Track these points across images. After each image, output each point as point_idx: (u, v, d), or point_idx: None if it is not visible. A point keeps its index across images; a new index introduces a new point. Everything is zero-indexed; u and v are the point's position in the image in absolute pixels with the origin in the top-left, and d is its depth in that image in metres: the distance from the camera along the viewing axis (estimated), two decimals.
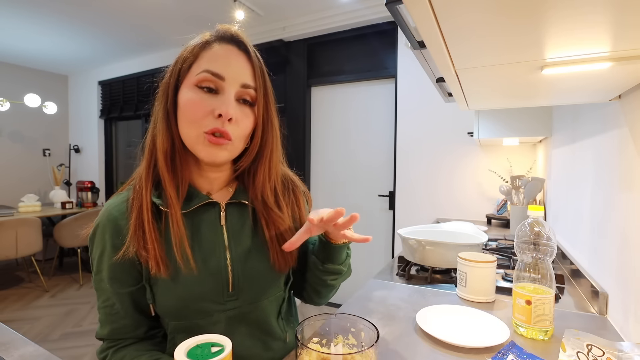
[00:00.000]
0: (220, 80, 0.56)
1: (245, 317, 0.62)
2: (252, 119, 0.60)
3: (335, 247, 0.65)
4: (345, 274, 0.71)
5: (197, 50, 0.57)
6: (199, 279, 0.58)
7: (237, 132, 0.58)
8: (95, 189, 4.08)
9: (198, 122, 0.56)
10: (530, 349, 0.63)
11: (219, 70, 0.56)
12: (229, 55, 0.57)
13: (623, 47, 0.47)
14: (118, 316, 0.60)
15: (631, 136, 0.71)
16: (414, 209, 2.55)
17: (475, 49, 0.50)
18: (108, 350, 0.60)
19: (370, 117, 2.80)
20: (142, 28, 3.16)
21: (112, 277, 0.58)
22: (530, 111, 1.64)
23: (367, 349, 0.46)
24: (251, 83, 0.58)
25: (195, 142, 0.57)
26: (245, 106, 0.59)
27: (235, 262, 0.61)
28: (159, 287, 0.58)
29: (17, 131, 4.26)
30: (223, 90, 0.57)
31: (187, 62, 0.58)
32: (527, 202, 1.76)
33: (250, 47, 0.59)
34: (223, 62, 0.56)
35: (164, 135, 0.58)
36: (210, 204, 0.62)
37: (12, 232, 3.10)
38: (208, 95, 0.56)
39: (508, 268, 1.14)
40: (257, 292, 0.63)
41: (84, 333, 2.52)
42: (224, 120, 0.55)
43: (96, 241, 0.59)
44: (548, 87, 0.71)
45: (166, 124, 0.58)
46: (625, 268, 0.72)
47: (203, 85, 0.56)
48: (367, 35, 2.75)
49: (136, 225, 0.56)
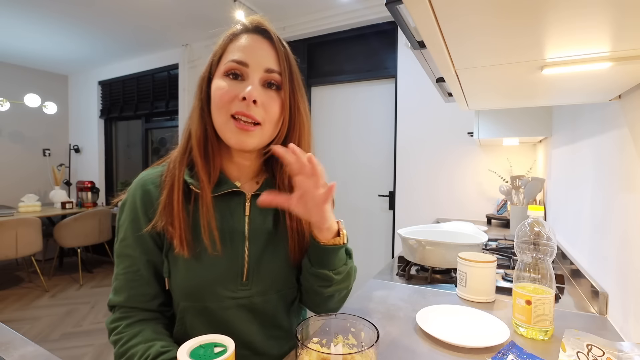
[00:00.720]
0: (245, 67, 0.59)
1: (254, 307, 0.63)
2: (279, 103, 0.61)
3: (323, 248, 0.60)
4: (338, 282, 0.63)
5: (225, 43, 0.62)
6: (217, 263, 0.60)
7: (264, 116, 0.59)
8: (95, 189, 4.08)
9: (225, 107, 0.58)
10: (530, 349, 0.63)
11: (243, 58, 0.59)
12: (253, 44, 0.60)
13: (623, 47, 0.47)
14: (139, 283, 0.60)
15: (631, 136, 0.71)
16: (414, 209, 2.55)
17: (475, 49, 0.50)
18: (121, 322, 0.59)
19: (370, 117, 2.80)
20: (142, 28, 3.16)
21: (140, 243, 0.60)
22: (530, 111, 1.64)
23: (367, 349, 0.46)
24: (275, 67, 0.60)
25: (224, 128, 0.59)
26: (271, 90, 0.61)
27: (252, 253, 0.63)
28: (177, 264, 0.60)
29: (17, 131, 4.26)
30: (247, 76, 0.59)
31: (217, 55, 0.62)
32: (527, 202, 1.76)
33: (273, 33, 0.62)
34: (247, 51, 0.59)
35: (197, 123, 0.62)
36: (237, 193, 0.64)
37: (12, 232, 3.10)
38: (234, 82, 0.59)
39: (508, 268, 1.14)
40: (268, 285, 0.64)
41: (84, 333, 2.52)
42: (248, 102, 0.57)
43: (127, 207, 0.62)
44: (548, 87, 0.71)
45: (200, 113, 0.62)
46: (625, 268, 0.72)
47: (229, 73, 0.59)
48: (367, 35, 2.75)
49: (166, 202, 0.59)
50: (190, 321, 0.61)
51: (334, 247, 0.61)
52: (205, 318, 0.61)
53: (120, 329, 0.58)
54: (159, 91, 3.94)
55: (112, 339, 0.59)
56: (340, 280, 0.64)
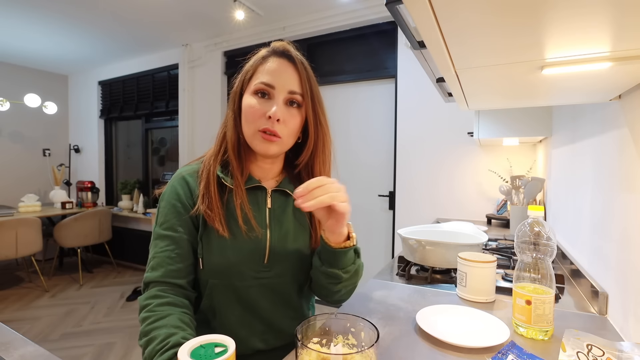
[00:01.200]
0: (271, 88, 0.69)
1: (274, 287, 0.73)
2: (298, 119, 0.72)
3: (333, 251, 0.68)
4: (346, 280, 0.71)
5: (256, 65, 0.72)
6: (244, 246, 0.70)
7: (285, 131, 0.70)
8: (95, 189, 4.09)
9: (254, 122, 0.69)
10: (530, 349, 0.63)
11: (270, 81, 0.69)
12: (279, 67, 0.70)
13: (623, 47, 0.47)
14: (175, 260, 0.68)
15: (631, 136, 0.71)
16: (414, 209, 2.55)
17: (475, 49, 0.50)
18: (153, 300, 0.63)
19: (370, 117, 2.80)
20: (142, 28, 3.16)
21: (181, 224, 0.70)
22: (530, 111, 1.64)
23: (367, 349, 0.46)
24: (297, 89, 0.71)
25: (252, 138, 0.70)
26: (293, 108, 0.71)
27: (273, 240, 0.73)
28: (210, 246, 0.69)
29: (17, 131, 4.26)
30: (273, 97, 0.70)
31: (248, 74, 0.72)
32: (527, 202, 1.76)
33: (297, 58, 0.72)
34: (274, 74, 0.70)
35: (232, 131, 0.73)
36: (260, 188, 0.75)
37: (12, 232, 3.10)
38: (262, 100, 0.70)
39: (508, 268, 1.14)
40: (285, 268, 0.73)
41: (84, 333, 2.52)
42: (273, 120, 0.68)
43: (168, 194, 0.72)
44: (548, 87, 0.71)
45: (234, 122, 0.73)
46: (625, 268, 0.72)
47: (258, 92, 0.70)
48: (367, 35, 2.75)
49: (204, 192, 0.70)
50: (217, 296, 0.71)
51: (344, 250, 0.68)
52: (231, 294, 0.71)
53: (152, 307, 0.63)
54: (159, 91, 3.94)
55: (141, 316, 0.63)
56: (348, 277, 0.72)
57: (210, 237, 0.70)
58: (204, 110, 3.51)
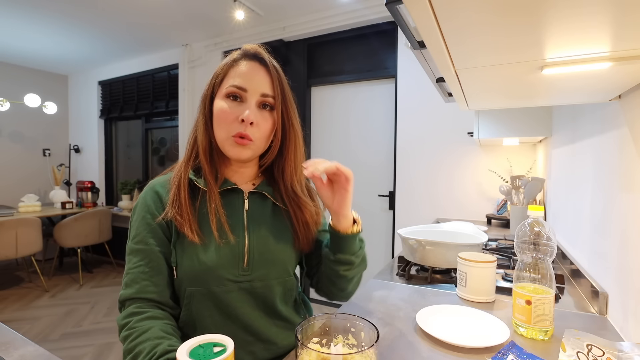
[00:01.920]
0: (244, 91, 0.68)
1: (255, 291, 0.70)
2: (270, 122, 0.71)
3: (343, 237, 0.71)
4: (357, 265, 0.75)
5: (227, 67, 0.71)
6: (220, 250, 0.68)
7: (257, 134, 0.69)
8: (95, 189, 4.08)
9: (227, 126, 0.68)
10: (530, 349, 0.63)
11: (242, 84, 0.68)
12: (251, 70, 0.69)
13: (623, 47, 0.47)
14: (149, 274, 0.65)
15: (631, 136, 0.71)
16: (414, 209, 2.55)
17: (475, 49, 0.50)
18: (132, 317, 0.61)
19: (370, 117, 2.80)
20: (143, 28, 3.16)
21: (152, 236, 0.67)
22: (530, 111, 1.64)
23: (367, 349, 0.46)
24: (269, 92, 0.70)
25: (224, 142, 0.69)
26: (265, 111, 0.71)
27: (252, 242, 0.71)
28: (184, 252, 0.67)
29: (17, 131, 4.26)
30: (246, 100, 0.69)
31: (219, 77, 0.71)
32: (527, 202, 1.76)
33: (269, 61, 0.71)
34: (246, 77, 0.69)
35: (203, 135, 0.71)
36: (237, 191, 0.74)
37: (12, 232, 3.10)
38: (234, 103, 0.69)
39: (508, 268, 1.14)
40: (267, 271, 0.71)
41: (84, 333, 2.52)
42: (246, 124, 0.67)
43: (139, 208, 0.70)
44: (548, 87, 0.71)
45: (205, 126, 0.72)
46: (625, 268, 0.72)
47: (230, 95, 0.69)
48: (367, 35, 2.75)
49: (174, 198, 0.68)
50: (195, 306, 0.68)
51: (353, 235, 0.71)
52: (210, 302, 0.68)
53: (132, 324, 0.60)
54: (159, 91, 3.94)
55: (122, 335, 0.60)
56: (359, 262, 0.75)
57: (184, 244, 0.67)
58: None
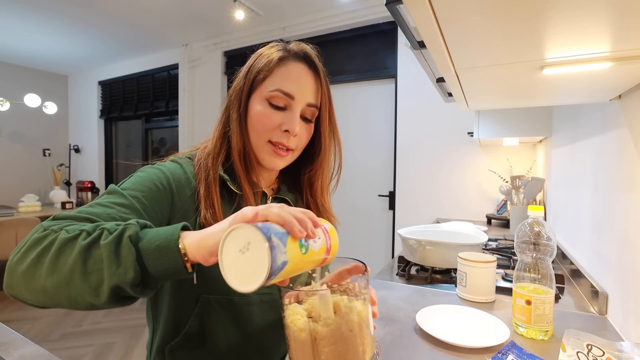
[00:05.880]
0: (290, 99, 0.61)
1: (275, 304, 0.65)
2: (309, 132, 0.66)
3: None
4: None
5: (273, 65, 0.62)
6: None
7: (297, 144, 0.65)
8: (95, 189, 4.09)
9: (266, 133, 0.62)
10: (530, 349, 0.63)
11: (290, 90, 0.61)
12: (300, 75, 0.62)
13: (623, 47, 0.47)
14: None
15: (631, 136, 0.71)
16: (414, 209, 2.55)
17: (475, 49, 0.50)
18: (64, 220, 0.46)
19: (370, 117, 2.80)
20: (143, 28, 3.15)
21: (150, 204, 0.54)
22: (530, 111, 1.64)
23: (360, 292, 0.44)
24: (315, 102, 0.64)
25: (260, 149, 0.63)
26: (306, 121, 0.65)
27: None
28: None
29: (17, 131, 4.26)
30: (291, 108, 0.62)
31: (262, 74, 0.62)
32: (527, 202, 1.76)
33: (320, 67, 0.65)
34: (294, 81, 0.62)
35: (237, 137, 0.63)
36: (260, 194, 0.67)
37: (12, 232, 3.10)
38: (276, 110, 0.62)
39: (508, 268, 1.14)
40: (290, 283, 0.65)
41: (83, 333, 2.52)
42: (290, 135, 0.61)
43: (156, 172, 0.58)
44: (548, 87, 0.71)
45: (239, 127, 0.63)
46: (625, 268, 0.72)
47: (274, 103, 0.61)
48: (367, 35, 2.75)
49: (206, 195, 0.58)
50: (210, 316, 0.60)
51: None
52: (227, 313, 0.60)
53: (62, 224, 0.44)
54: (159, 91, 3.94)
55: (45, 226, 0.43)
56: None
57: None
58: (204, 111, 3.51)
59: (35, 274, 0.39)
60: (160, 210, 0.55)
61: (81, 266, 0.38)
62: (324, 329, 0.41)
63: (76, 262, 0.38)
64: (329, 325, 0.41)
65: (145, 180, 0.56)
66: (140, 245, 0.39)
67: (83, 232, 0.40)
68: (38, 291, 0.40)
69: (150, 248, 0.39)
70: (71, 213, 0.46)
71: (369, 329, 0.45)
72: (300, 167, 0.73)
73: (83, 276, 0.38)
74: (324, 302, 0.42)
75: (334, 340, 0.41)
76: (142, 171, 0.59)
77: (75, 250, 0.39)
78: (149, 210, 0.53)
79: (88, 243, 0.39)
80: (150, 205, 0.54)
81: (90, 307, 0.41)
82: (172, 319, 0.61)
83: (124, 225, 0.40)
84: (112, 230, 0.40)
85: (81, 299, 0.39)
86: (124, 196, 0.51)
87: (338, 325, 0.41)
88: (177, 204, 0.58)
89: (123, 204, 0.50)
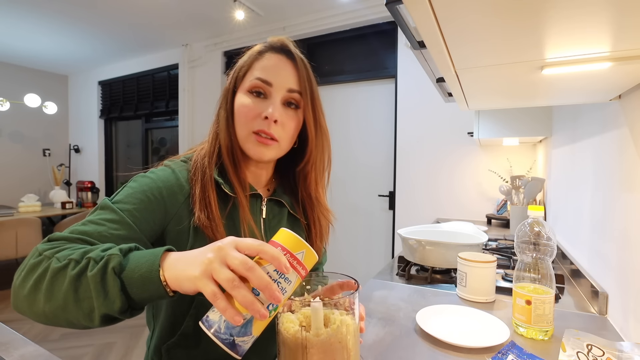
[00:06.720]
0: (269, 86, 0.63)
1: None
2: (295, 121, 0.66)
3: None
4: None
5: (251, 60, 0.65)
6: None
7: (282, 134, 0.64)
8: (95, 189, 4.09)
9: (248, 123, 0.63)
10: (530, 349, 0.63)
11: (268, 78, 0.62)
12: (277, 64, 0.64)
13: (623, 47, 0.47)
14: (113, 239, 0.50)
15: (631, 136, 0.71)
16: (414, 209, 2.55)
17: (475, 49, 0.50)
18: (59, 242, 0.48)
19: (370, 117, 2.80)
20: (143, 28, 3.15)
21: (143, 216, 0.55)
22: (530, 111, 1.64)
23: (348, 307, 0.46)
24: (296, 87, 0.64)
25: (245, 140, 0.64)
26: (290, 109, 0.65)
27: None
28: None
29: (17, 131, 4.26)
30: (271, 95, 0.63)
31: (243, 70, 0.65)
32: (527, 202, 1.76)
33: (297, 55, 0.65)
34: (272, 70, 0.63)
35: (224, 133, 0.65)
36: (254, 196, 0.68)
37: (12, 232, 3.10)
38: (258, 99, 0.63)
39: (508, 268, 1.14)
40: None
41: (83, 333, 2.52)
42: (270, 122, 0.61)
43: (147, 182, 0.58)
44: (548, 87, 0.71)
45: (226, 123, 0.65)
46: (625, 268, 0.72)
47: (253, 90, 0.63)
48: (367, 35, 2.75)
49: (201, 197, 0.60)
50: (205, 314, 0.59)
51: None
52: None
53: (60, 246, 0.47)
54: (159, 91, 3.94)
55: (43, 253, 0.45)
56: None
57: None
58: (204, 110, 3.51)
59: (35, 299, 0.43)
60: (152, 220, 0.57)
61: (73, 294, 0.42)
62: (315, 338, 0.43)
63: (68, 290, 0.42)
64: (319, 336, 0.43)
65: (136, 191, 0.57)
66: (124, 275, 0.41)
67: (72, 261, 0.43)
68: (39, 314, 0.44)
69: (134, 278, 0.41)
70: (64, 234, 0.49)
71: (356, 343, 0.47)
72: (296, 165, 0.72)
73: (76, 303, 0.42)
74: (316, 314, 0.44)
75: (323, 350, 0.43)
76: (134, 181, 0.60)
77: (66, 279, 0.42)
78: (141, 221, 0.55)
79: (77, 273, 0.42)
80: (142, 217, 0.55)
81: (87, 328, 0.44)
82: (169, 319, 0.62)
83: (108, 257, 0.42)
84: (97, 260, 0.42)
85: (77, 322, 0.43)
86: (114, 211, 0.53)
87: (328, 337, 0.43)
88: (170, 211, 0.59)
89: (114, 220, 0.52)
